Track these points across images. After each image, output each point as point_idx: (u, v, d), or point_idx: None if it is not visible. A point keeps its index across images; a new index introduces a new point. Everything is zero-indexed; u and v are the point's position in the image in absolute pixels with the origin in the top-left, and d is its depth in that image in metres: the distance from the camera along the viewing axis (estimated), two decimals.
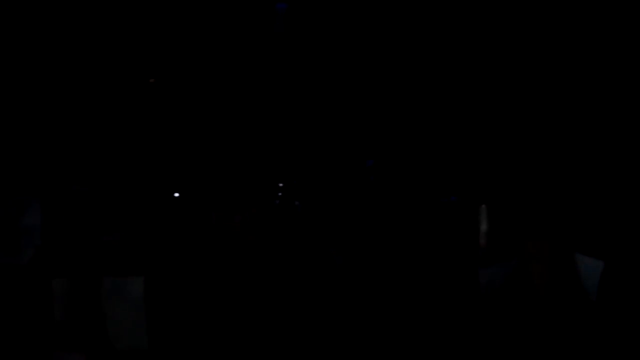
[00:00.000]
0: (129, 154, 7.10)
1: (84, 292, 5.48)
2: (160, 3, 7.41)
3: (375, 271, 6.33)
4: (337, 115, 7.72)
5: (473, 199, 6.58)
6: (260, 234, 6.68)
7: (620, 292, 5.53)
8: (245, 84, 7.68)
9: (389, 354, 5.67)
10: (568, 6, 6.79)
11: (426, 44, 7.45)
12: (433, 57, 7.42)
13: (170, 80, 7.56)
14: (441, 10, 7.28)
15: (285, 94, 7.76)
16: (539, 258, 5.77)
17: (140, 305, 5.38)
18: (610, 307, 5.50)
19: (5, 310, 5.42)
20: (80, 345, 5.42)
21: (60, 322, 5.39)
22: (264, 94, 7.69)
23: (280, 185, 7.52)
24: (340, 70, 7.72)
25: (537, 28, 6.97)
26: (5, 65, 7.05)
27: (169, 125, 7.37)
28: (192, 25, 7.55)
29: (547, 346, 5.47)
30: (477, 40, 7.18)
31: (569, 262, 5.60)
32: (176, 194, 7.01)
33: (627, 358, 5.27)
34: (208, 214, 6.70)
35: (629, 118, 6.47)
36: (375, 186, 7.27)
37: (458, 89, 7.30)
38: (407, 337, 5.77)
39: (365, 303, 6.08)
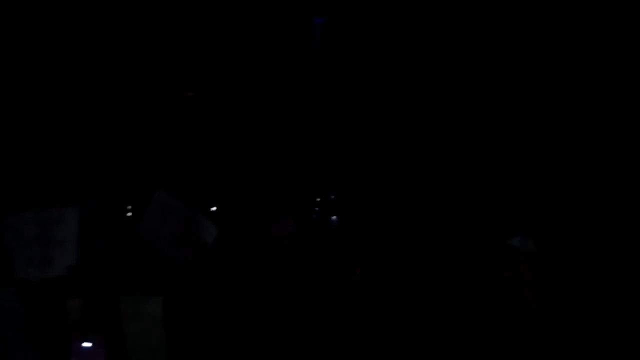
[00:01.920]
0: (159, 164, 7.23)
1: (101, 312, 5.60)
2: (196, 15, 7.51)
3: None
4: (375, 129, 7.71)
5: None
6: (296, 249, 6.71)
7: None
8: (282, 97, 7.73)
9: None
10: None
11: (469, 60, 7.43)
12: (462, 72, 7.38)
13: (206, 92, 7.68)
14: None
15: (323, 107, 7.79)
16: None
17: (159, 325, 5.47)
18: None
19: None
20: None
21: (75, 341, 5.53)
22: (301, 107, 7.73)
23: (318, 200, 7.54)
24: (377, 83, 7.71)
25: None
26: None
27: (202, 135, 7.47)
28: (229, 38, 7.63)
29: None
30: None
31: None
32: (213, 208, 7.13)
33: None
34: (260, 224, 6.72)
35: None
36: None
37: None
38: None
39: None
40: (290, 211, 6.98)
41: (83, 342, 5.36)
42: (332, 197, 7.62)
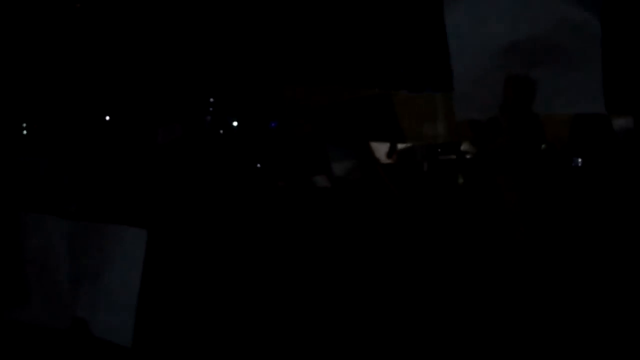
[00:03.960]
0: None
1: None
2: None
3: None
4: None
5: None
6: None
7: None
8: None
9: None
10: None
11: None
12: None
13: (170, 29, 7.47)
14: None
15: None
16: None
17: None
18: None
19: None
20: None
21: None
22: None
23: (211, 100, 7.46)
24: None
25: None
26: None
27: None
28: None
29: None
30: None
31: None
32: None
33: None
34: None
35: None
36: None
37: None
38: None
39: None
40: (178, 115, 6.86)
41: None
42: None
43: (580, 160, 5.98)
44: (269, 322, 5.53)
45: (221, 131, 7.12)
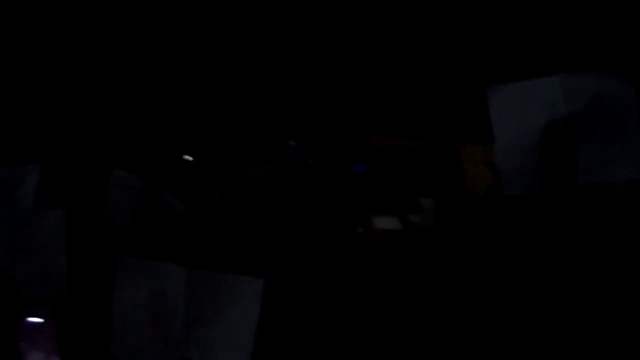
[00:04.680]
0: None
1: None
2: None
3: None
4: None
5: None
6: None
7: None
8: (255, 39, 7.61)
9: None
10: None
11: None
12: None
13: (175, 42, 7.57)
14: None
15: (293, 49, 7.68)
16: None
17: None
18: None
19: None
20: None
21: None
22: (273, 50, 7.62)
23: (292, 144, 7.43)
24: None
25: None
26: None
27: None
28: None
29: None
30: None
31: None
32: None
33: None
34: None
35: None
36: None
37: None
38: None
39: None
40: (267, 155, 6.95)
41: (30, 317, 4.62)
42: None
43: None
44: None
45: (303, 173, 7.11)
